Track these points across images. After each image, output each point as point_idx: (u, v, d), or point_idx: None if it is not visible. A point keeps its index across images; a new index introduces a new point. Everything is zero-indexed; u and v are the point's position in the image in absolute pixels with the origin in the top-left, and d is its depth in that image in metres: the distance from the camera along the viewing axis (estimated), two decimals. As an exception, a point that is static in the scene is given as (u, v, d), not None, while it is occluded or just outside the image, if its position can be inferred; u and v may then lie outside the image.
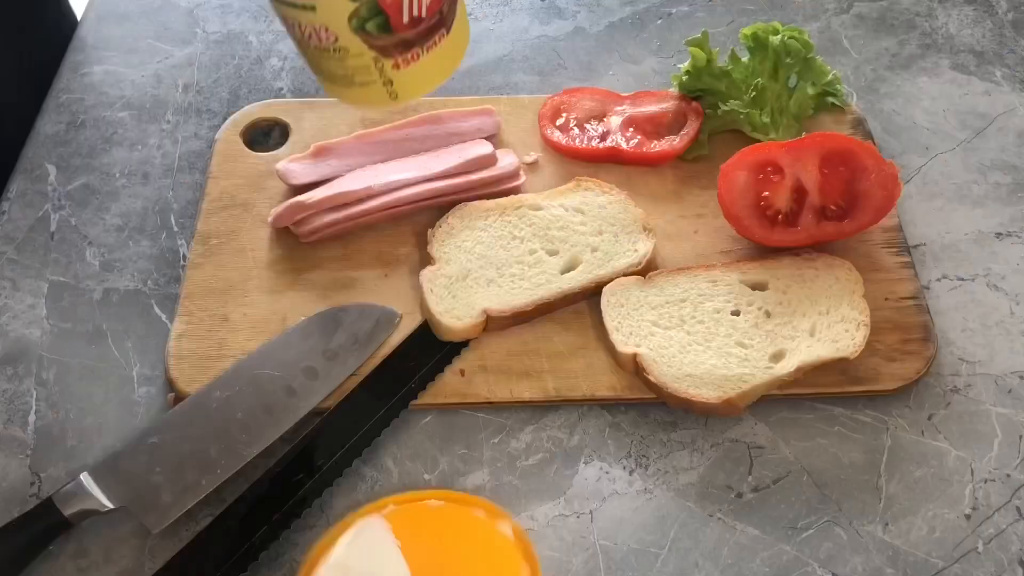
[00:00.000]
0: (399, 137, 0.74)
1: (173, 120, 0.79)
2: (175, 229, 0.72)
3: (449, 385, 0.62)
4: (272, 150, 0.75)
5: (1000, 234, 0.71)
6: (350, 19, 0.47)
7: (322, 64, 0.52)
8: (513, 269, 0.66)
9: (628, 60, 0.84)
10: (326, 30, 0.48)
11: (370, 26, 0.48)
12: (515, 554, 0.53)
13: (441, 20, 0.50)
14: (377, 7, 0.47)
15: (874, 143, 0.75)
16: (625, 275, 0.66)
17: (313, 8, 0.47)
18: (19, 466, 0.60)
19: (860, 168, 0.66)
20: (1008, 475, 0.59)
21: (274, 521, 0.56)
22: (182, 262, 0.70)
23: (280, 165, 0.72)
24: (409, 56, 0.50)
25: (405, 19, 0.48)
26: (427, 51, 0.51)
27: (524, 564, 0.52)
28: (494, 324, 0.64)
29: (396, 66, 0.50)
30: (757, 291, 0.65)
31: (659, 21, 0.88)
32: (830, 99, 0.75)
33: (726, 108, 0.73)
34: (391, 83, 0.52)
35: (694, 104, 0.75)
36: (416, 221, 0.70)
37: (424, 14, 0.49)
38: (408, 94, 0.53)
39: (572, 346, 0.64)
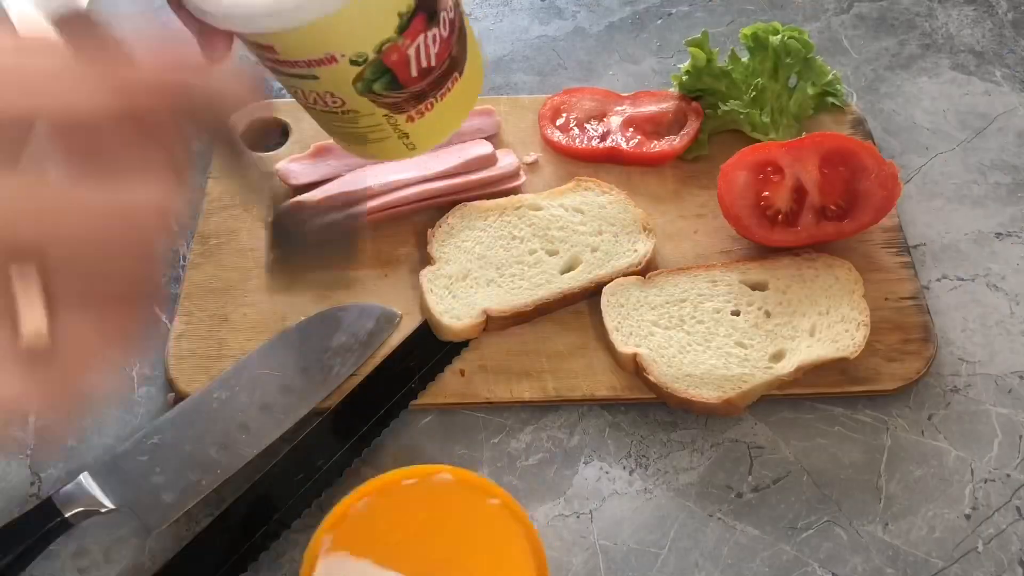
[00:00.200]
0: (399, 137, 0.74)
1: (173, 120, 0.79)
2: (175, 229, 0.72)
3: (449, 385, 0.62)
4: (272, 150, 0.75)
5: (1000, 234, 0.71)
6: (355, 82, 0.44)
7: (332, 125, 0.49)
8: (513, 269, 0.66)
9: (628, 60, 0.84)
10: (331, 95, 0.45)
11: (377, 86, 0.44)
12: (473, 494, 0.52)
13: (453, 64, 0.47)
14: (382, 66, 0.43)
15: (874, 143, 0.75)
16: (625, 275, 0.66)
17: (316, 77, 0.44)
18: (19, 466, 0.60)
19: (860, 168, 0.66)
20: (1008, 475, 0.59)
21: (274, 521, 0.56)
22: (182, 262, 0.70)
23: (280, 165, 0.72)
24: (422, 108, 0.47)
25: (414, 73, 0.45)
26: (441, 99, 0.47)
27: (490, 498, 0.52)
28: (494, 324, 0.64)
29: (410, 119, 0.47)
30: (757, 291, 0.65)
31: (659, 21, 0.88)
32: (830, 99, 0.75)
33: (726, 108, 0.73)
34: (407, 136, 0.49)
35: (694, 104, 0.75)
36: (416, 221, 0.70)
37: (434, 63, 0.45)
38: (425, 144, 0.50)
39: (572, 346, 0.64)
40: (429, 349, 0.63)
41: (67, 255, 0.25)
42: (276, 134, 0.77)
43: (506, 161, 0.72)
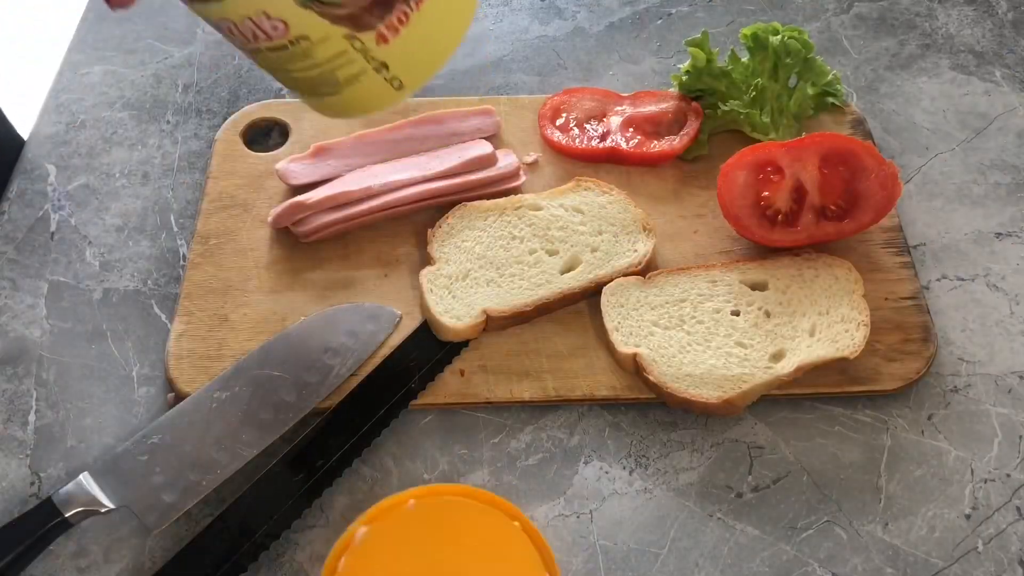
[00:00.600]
0: (399, 137, 0.74)
1: (173, 120, 0.79)
2: (175, 229, 0.72)
3: (449, 385, 0.62)
4: (272, 150, 0.75)
5: (1000, 234, 0.71)
6: None
7: (292, 71, 0.39)
8: (513, 269, 0.66)
9: (628, 60, 0.84)
10: (267, 17, 0.36)
11: None
12: (494, 516, 0.53)
13: None
14: None
15: (874, 143, 0.75)
16: (625, 275, 0.66)
17: None
18: (19, 466, 0.60)
19: (860, 168, 0.66)
20: (1008, 475, 0.59)
21: (274, 521, 0.56)
22: (182, 262, 0.70)
23: (280, 165, 0.72)
24: (393, 19, 0.36)
25: None
26: (416, 6, 0.36)
27: (512, 521, 0.53)
28: (494, 324, 0.64)
29: (382, 39, 0.37)
30: (757, 291, 0.65)
31: (659, 21, 0.88)
32: (830, 99, 0.75)
33: (726, 108, 0.73)
34: (386, 67, 0.38)
35: (694, 104, 0.75)
36: (416, 221, 0.70)
37: None
38: (413, 76, 0.39)
39: (572, 346, 0.64)
40: (429, 349, 0.63)
41: None
42: (276, 134, 0.77)
43: (506, 161, 0.72)
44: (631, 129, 0.75)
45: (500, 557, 0.53)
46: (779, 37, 0.73)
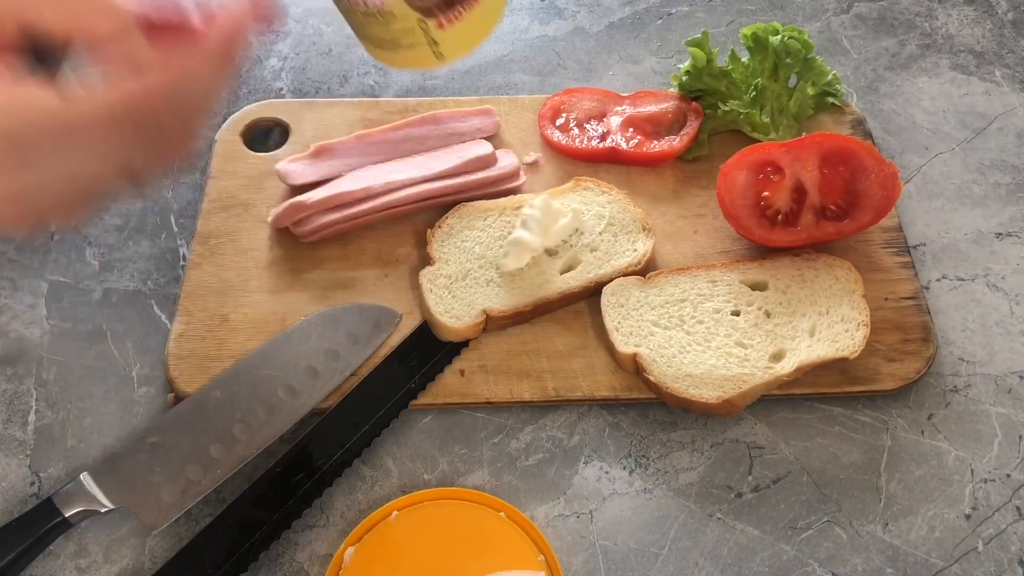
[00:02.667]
0: (399, 137, 0.74)
1: (173, 120, 0.79)
2: (175, 229, 0.72)
3: (449, 385, 0.62)
4: (272, 150, 0.75)
5: (1000, 234, 0.71)
6: None
7: (368, 29, 0.52)
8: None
9: (628, 60, 0.84)
10: None
11: None
12: (496, 520, 0.54)
13: None
14: None
15: (874, 143, 0.75)
16: (624, 275, 0.66)
17: None
18: (19, 466, 0.60)
19: (860, 168, 0.66)
20: (1008, 475, 0.59)
21: (274, 521, 0.56)
22: (182, 262, 0.70)
23: (280, 165, 0.72)
24: (452, 15, 0.51)
25: None
26: (468, 8, 0.51)
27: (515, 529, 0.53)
28: (494, 324, 0.64)
29: (440, 26, 0.51)
30: (757, 291, 0.65)
31: (659, 21, 0.88)
32: (830, 99, 0.75)
33: (726, 108, 0.73)
34: (436, 44, 0.52)
35: (694, 104, 0.75)
36: (416, 221, 0.70)
37: None
38: (453, 53, 0.53)
39: (572, 346, 0.64)
40: (429, 349, 0.63)
41: None
42: (276, 134, 0.77)
43: (506, 161, 0.72)
44: (631, 129, 0.75)
45: (492, 549, 0.53)
46: (779, 37, 0.73)
